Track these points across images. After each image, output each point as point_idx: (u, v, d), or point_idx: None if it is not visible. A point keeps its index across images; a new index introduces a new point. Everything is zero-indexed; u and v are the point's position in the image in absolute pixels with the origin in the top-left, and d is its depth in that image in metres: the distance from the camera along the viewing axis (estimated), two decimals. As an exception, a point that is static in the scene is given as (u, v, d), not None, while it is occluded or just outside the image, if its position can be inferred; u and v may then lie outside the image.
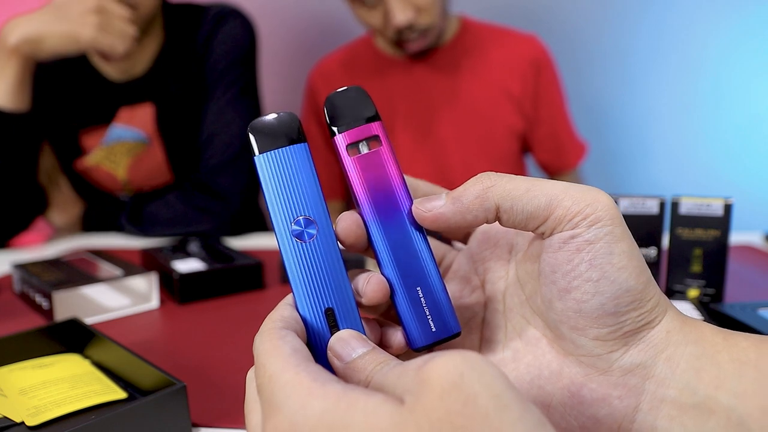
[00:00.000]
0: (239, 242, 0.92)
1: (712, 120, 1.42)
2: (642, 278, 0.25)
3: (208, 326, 0.57)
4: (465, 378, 0.19)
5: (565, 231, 0.25)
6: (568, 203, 0.25)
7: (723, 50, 1.38)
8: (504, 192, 0.26)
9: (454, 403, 0.19)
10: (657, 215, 0.54)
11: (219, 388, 0.44)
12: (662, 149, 1.46)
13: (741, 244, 0.82)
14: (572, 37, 1.37)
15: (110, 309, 0.60)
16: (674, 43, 1.40)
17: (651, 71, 1.42)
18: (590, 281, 0.25)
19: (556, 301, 0.26)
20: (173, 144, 1.02)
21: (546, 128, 1.13)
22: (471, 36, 1.12)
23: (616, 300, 0.25)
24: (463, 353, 0.20)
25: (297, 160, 0.27)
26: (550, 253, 0.26)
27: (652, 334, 0.25)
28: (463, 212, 0.27)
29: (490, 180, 0.27)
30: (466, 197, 0.27)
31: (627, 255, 0.25)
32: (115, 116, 1.01)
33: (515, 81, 1.09)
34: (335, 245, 0.27)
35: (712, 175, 1.44)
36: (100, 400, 0.40)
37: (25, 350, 0.46)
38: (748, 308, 0.49)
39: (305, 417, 0.20)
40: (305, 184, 0.27)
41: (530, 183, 0.26)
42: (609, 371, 0.26)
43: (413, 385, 0.20)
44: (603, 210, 0.25)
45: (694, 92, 1.41)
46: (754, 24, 1.36)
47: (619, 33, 1.41)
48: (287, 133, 0.27)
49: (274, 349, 0.23)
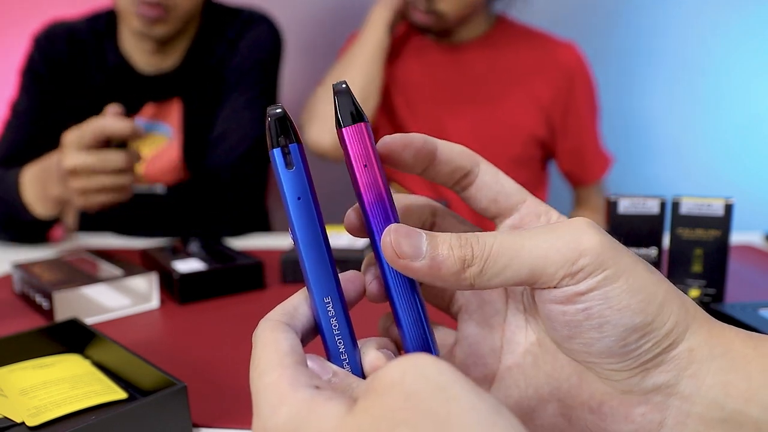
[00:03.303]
0: (239, 242, 0.92)
1: (712, 120, 1.42)
2: (651, 308, 0.24)
3: (209, 326, 0.57)
4: (406, 375, 0.20)
5: (557, 289, 0.24)
6: (552, 269, 0.24)
7: (723, 50, 1.38)
8: (482, 273, 0.24)
9: (395, 399, 0.19)
10: (657, 215, 0.54)
11: (219, 388, 0.44)
12: (663, 149, 1.45)
13: (741, 244, 0.82)
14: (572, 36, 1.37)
15: (110, 309, 0.60)
16: (674, 43, 1.40)
17: (651, 71, 1.42)
18: (592, 329, 0.24)
19: (563, 343, 0.26)
20: (191, 142, 1.02)
21: (572, 141, 1.09)
22: (505, 35, 1.09)
23: (623, 341, 0.24)
24: (412, 357, 0.20)
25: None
26: (544, 305, 0.25)
27: (674, 354, 0.24)
28: (436, 279, 0.25)
29: (471, 255, 0.24)
30: (445, 269, 0.24)
31: (627, 293, 0.23)
32: (140, 110, 1.02)
33: (546, 88, 1.06)
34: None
35: (713, 175, 1.44)
36: (101, 401, 0.40)
37: (25, 350, 0.46)
38: (749, 308, 0.49)
39: (275, 422, 0.21)
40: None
41: (510, 255, 0.24)
42: (630, 392, 0.25)
43: (365, 389, 0.21)
44: (590, 259, 0.23)
45: (694, 92, 1.41)
46: (754, 24, 1.36)
47: (619, 33, 1.41)
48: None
49: (272, 343, 0.23)
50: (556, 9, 1.41)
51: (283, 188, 0.26)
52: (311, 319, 0.26)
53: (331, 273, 0.26)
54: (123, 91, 1.01)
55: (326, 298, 0.26)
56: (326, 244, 0.26)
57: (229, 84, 1.01)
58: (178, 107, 1.02)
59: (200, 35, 1.02)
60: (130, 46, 1.01)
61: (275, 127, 0.25)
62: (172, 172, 1.03)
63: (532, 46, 1.09)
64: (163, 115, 1.02)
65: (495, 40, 1.09)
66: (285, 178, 0.25)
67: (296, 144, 0.26)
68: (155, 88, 1.01)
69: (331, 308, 0.26)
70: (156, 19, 0.90)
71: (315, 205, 0.26)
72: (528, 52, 1.08)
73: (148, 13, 0.89)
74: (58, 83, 1.00)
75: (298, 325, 0.25)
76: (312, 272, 0.26)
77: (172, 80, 1.01)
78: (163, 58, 1.01)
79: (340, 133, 0.27)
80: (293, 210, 0.26)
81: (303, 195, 0.26)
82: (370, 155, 0.26)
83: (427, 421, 0.18)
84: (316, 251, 0.26)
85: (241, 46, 1.02)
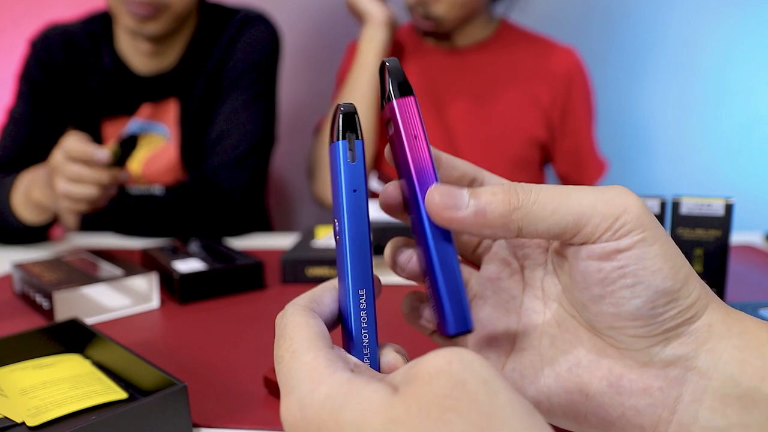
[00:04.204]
0: (240, 242, 0.92)
1: (712, 120, 1.42)
2: (679, 276, 0.25)
3: (209, 326, 0.57)
4: (453, 365, 0.20)
5: (596, 244, 0.25)
6: (597, 220, 0.25)
7: (723, 50, 1.38)
8: (529, 215, 0.25)
9: (442, 387, 0.20)
10: (658, 215, 0.54)
11: (220, 388, 0.44)
12: (662, 149, 1.46)
13: (741, 244, 0.82)
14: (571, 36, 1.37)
15: (111, 309, 0.60)
16: (674, 43, 1.40)
17: (651, 71, 1.42)
18: (625, 288, 0.25)
19: (591, 305, 0.26)
20: (189, 142, 1.02)
21: (569, 142, 1.11)
22: (507, 39, 1.11)
23: (652, 303, 0.24)
24: (453, 348, 0.21)
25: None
26: (580, 262, 0.26)
27: (694, 328, 0.25)
28: (482, 227, 0.26)
29: (517, 198, 0.25)
30: (490, 213, 0.25)
31: (661, 257, 0.24)
32: (136, 110, 1.02)
33: (545, 91, 1.08)
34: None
35: (713, 175, 1.44)
36: (101, 401, 0.40)
37: (25, 350, 0.46)
38: (749, 308, 0.49)
39: (312, 400, 0.21)
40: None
41: (557, 201, 0.25)
42: (649, 363, 0.25)
43: (406, 377, 0.21)
44: (632, 217, 0.24)
45: (694, 92, 1.41)
46: (754, 24, 1.36)
47: (620, 33, 1.41)
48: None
49: (305, 326, 0.24)
50: (557, 11, 1.41)
51: (341, 179, 0.27)
52: (334, 311, 0.27)
53: (369, 268, 0.27)
54: (119, 92, 1.01)
55: (361, 291, 0.27)
56: (369, 240, 0.27)
57: (227, 84, 1.01)
58: (175, 107, 1.02)
59: (197, 35, 1.02)
60: (127, 48, 1.01)
61: (344, 121, 0.27)
62: (170, 173, 1.03)
63: (533, 50, 1.10)
64: (160, 115, 1.02)
65: (496, 44, 1.10)
66: (346, 170, 0.27)
67: (361, 140, 0.27)
68: (152, 89, 1.02)
69: (363, 301, 0.27)
70: (147, 17, 0.90)
71: (366, 200, 0.28)
72: (528, 55, 1.10)
73: (139, 11, 0.89)
74: (55, 88, 1.00)
75: (323, 314, 0.26)
76: (353, 264, 0.27)
77: (169, 80, 1.01)
78: (160, 59, 1.01)
79: (390, 106, 0.28)
80: (348, 201, 0.27)
81: (359, 188, 0.27)
82: (418, 128, 0.28)
83: (474, 410, 0.19)
84: (361, 244, 0.27)
85: (239, 46, 1.02)
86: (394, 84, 0.28)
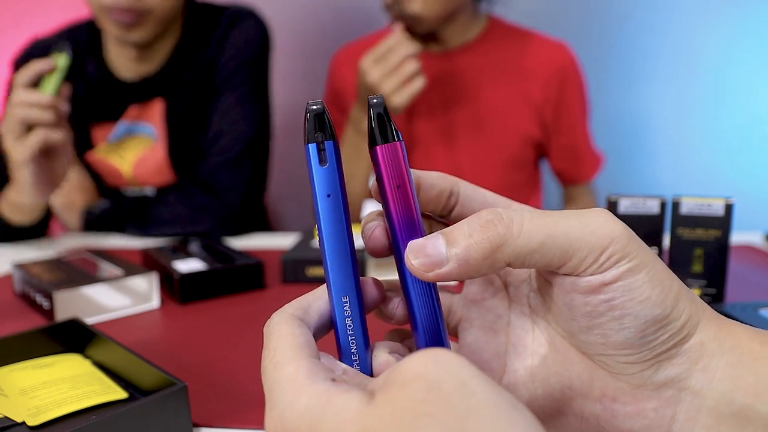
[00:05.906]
0: (240, 242, 0.92)
1: (712, 120, 1.42)
2: (668, 301, 0.24)
3: (209, 326, 0.57)
4: (428, 368, 0.20)
5: (581, 278, 0.24)
6: (583, 253, 0.24)
7: (723, 50, 1.38)
8: (516, 250, 0.24)
9: (417, 391, 0.19)
10: (658, 215, 0.54)
11: (220, 388, 0.44)
12: (663, 149, 1.46)
13: (742, 244, 0.82)
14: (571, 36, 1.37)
15: (111, 309, 0.60)
16: (674, 43, 1.40)
17: (651, 71, 1.42)
18: (613, 320, 0.24)
19: (579, 334, 0.26)
20: (176, 142, 1.02)
21: (564, 138, 1.10)
22: (497, 37, 1.09)
23: (642, 332, 0.24)
24: (431, 350, 0.21)
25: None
26: (565, 294, 0.25)
27: (686, 348, 0.25)
28: (469, 273, 0.25)
29: (497, 234, 0.24)
30: (473, 259, 0.24)
31: (648, 284, 0.24)
32: (123, 113, 1.01)
33: (538, 88, 1.07)
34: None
35: (713, 175, 1.44)
36: (101, 400, 0.40)
37: (25, 350, 0.46)
38: (749, 308, 0.49)
39: (292, 412, 0.21)
40: None
41: (544, 233, 0.24)
42: (643, 386, 0.25)
43: (385, 382, 0.21)
44: (619, 247, 0.24)
45: (694, 92, 1.41)
46: (754, 24, 1.36)
47: (619, 32, 1.41)
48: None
49: (289, 336, 0.24)
50: (557, 11, 1.41)
51: (314, 184, 0.26)
52: (324, 316, 0.26)
53: (351, 273, 0.26)
54: (106, 99, 1.01)
55: (344, 297, 0.26)
56: (350, 245, 0.26)
57: (219, 84, 1.01)
58: (161, 107, 1.01)
59: (184, 37, 1.01)
60: (114, 54, 1.01)
61: (313, 122, 0.25)
62: (159, 174, 1.03)
63: (525, 46, 1.09)
64: (146, 115, 1.02)
65: (486, 43, 1.08)
66: (317, 174, 0.26)
67: (331, 141, 0.26)
68: (138, 93, 1.01)
69: (347, 308, 0.26)
70: (131, 24, 0.90)
71: (344, 204, 0.26)
72: (520, 52, 1.08)
73: (122, 19, 0.89)
74: None
75: (311, 321, 0.26)
76: (333, 270, 0.26)
77: (155, 83, 1.01)
78: (146, 64, 1.01)
79: (373, 152, 0.26)
80: (322, 207, 0.26)
81: (333, 192, 0.26)
82: (403, 176, 0.26)
83: (449, 414, 0.18)
84: (340, 250, 0.26)
85: (228, 44, 1.01)
86: (379, 128, 0.26)
